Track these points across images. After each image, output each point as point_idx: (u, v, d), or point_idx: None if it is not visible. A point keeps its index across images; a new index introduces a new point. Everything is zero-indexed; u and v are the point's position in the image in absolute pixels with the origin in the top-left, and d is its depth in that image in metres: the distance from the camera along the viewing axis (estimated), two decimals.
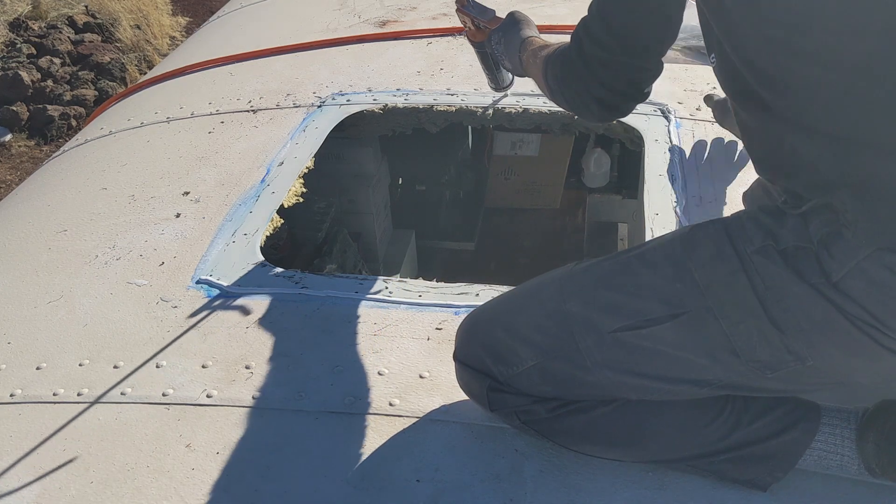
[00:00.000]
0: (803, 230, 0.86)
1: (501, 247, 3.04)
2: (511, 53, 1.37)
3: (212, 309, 1.33)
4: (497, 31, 1.42)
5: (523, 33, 1.35)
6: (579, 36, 1.09)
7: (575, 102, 1.17)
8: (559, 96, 1.19)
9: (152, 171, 1.78)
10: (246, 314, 1.32)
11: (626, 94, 1.12)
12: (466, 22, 1.54)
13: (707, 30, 0.98)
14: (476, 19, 1.51)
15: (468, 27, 1.55)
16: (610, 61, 1.07)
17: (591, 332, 0.96)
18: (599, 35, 1.05)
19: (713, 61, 0.98)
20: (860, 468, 0.99)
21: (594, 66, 1.08)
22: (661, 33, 1.07)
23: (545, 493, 1.01)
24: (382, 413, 1.13)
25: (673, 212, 1.47)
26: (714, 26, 0.94)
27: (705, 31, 1.00)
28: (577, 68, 1.10)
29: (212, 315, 1.32)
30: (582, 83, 1.11)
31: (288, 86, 2.06)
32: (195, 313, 1.33)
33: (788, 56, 0.85)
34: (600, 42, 1.06)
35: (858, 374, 0.91)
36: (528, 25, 1.38)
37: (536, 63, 1.25)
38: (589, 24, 1.07)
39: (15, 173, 4.42)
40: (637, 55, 1.07)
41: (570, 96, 1.16)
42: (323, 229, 2.11)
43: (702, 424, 1.00)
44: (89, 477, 1.07)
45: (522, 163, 2.85)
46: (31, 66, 5.08)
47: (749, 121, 0.97)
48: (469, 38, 1.58)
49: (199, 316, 1.32)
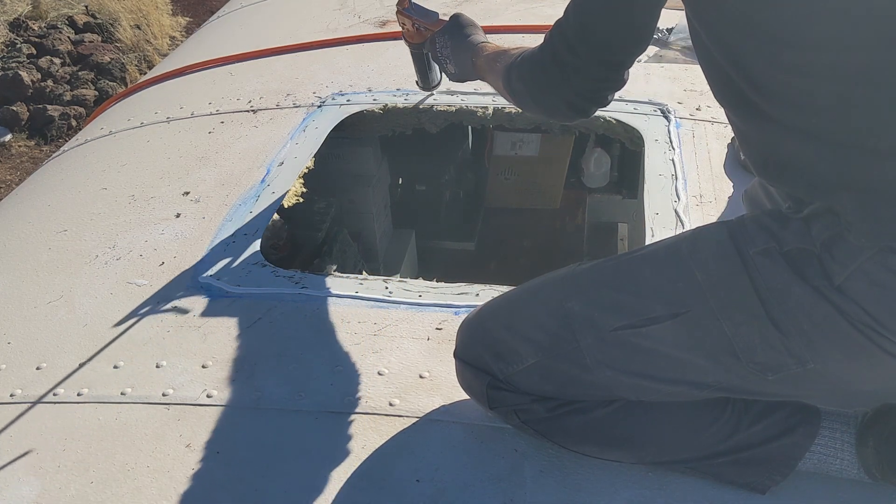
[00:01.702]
0: (806, 233, 0.86)
1: (501, 247, 3.03)
2: (460, 57, 1.39)
3: (212, 309, 1.33)
4: (442, 35, 1.43)
5: (474, 38, 1.37)
6: (554, 42, 1.10)
7: (544, 104, 1.18)
8: (526, 97, 1.20)
9: (152, 171, 1.78)
10: (246, 314, 1.32)
11: (593, 100, 1.14)
12: (406, 24, 1.56)
13: (695, 37, 0.99)
14: (418, 22, 1.53)
15: (407, 29, 1.57)
16: (582, 69, 1.08)
17: (591, 331, 0.96)
18: (575, 44, 1.06)
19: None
20: (860, 472, 0.99)
21: (568, 73, 1.10)
22: (633, 47, 1.08)
23: (545, 493, 1.01)
24: (382, 413, 1.13)
25: (673, 212, 1.47)
26: (704, 35, 0.94)
27: (693, 38, 1.00)
28: (550, 73, 1.12)
29: (212, 315, 1.32)
30: (554, 87, 1.13)
31: (288, 86, 2.06)
32: (195, 313, 1.33)
33: (784, 70, 0.85)
34: (575, 50, 1.07)
35: (859, 377, 0.91)
36: (476, 29, 1.41)
37: (496, 67, 1.27)
38: (565, 32, 1.08)
39: (15, 173, 4.42)
40: (609, 67, 1.09)
41: (540, 98, 1.17)
42: (323, 229, 2.11)
43: (701, 427, 1.00)
44: (89, 477, 1.07)
45: (522, 163, 2.84)
46: (31, 66, 5.08)
47: (742, 125, 0.97)
48: (406, 39, 1.61)
49: (199, 316, 1.32)
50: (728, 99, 0.97)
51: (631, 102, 1.83)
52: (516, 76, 1.20)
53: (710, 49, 0.94)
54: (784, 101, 0.87)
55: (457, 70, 1.42)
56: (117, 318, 1.34)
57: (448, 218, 2.91)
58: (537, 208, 3.02)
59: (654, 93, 1.87)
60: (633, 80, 1.92)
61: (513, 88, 1.22)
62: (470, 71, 1.38)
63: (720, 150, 1.65)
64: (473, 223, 2.97)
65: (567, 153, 2.79)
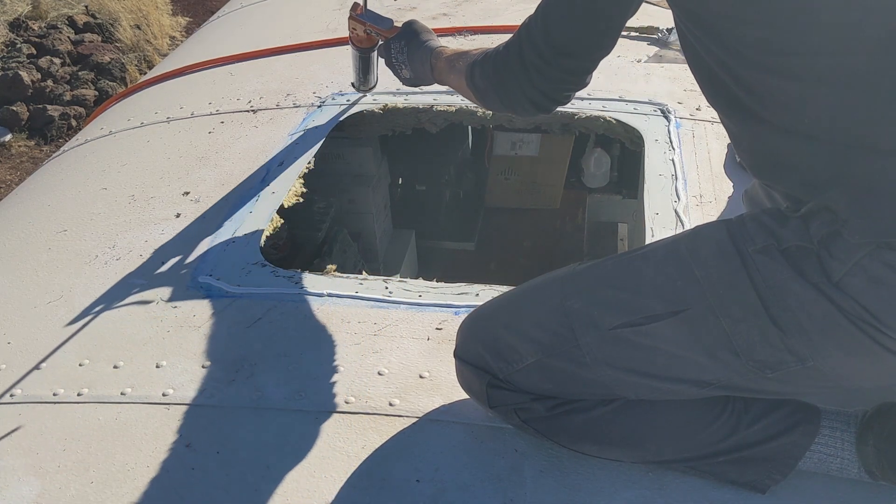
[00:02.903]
0: (804, 231, 0.87)
1: (501, 247, 3.03)
2: (416, 62, 1.43)
3: (212, 309, 1.33)
4: (398, 41, 1.47)
5: (431, 43, 1.42)
6: (521, 41, 1.12)
7: (507, 101, 1.21)
8: (490, 93, 1.23)
9: (152, 171, 1.78)
10: (246, 314, 1.32)
11: (555, 99, 1.17)
12: (357, 29, 1.61)
13: (683, 39, 0.99)
14: (371, 27, 1.57)
15: (357, 34, 1.62)
16: (546, 70, 1.11)
17: (591, 329, 0.96)
18: (541, 46, 1.09)
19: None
20: (860, 471, 0.99)
21: (531, 72, 1.12)
22: (597, 53, 1.10)
23: (545, 493, 1.01)
24: (382, 413, 1.13)
25: (673, 212, 1.47)
26: (693, 40, 0.95)
27: (682, 40, 1.00)
28: (514, 71, 1.15)
29: (212, 315, 1.32)
30: (517, 84, 1.16)
31: (288, 86, 2.06)
32: (195, 313, 1.33)
33: (778, 75, 0.85)
34: (540, 52, 1.09)
35: (858, 375, 0.91)
36: (431, 35, 1.45)
37: (457, 67, 1.31)
38: (533, 33, 1.10)
39: (15, 173, 4.42)
40: (572, 70, 1.12)
41: (503, 95, 1.20)
42: (323, 229, 2.11)
43: (701, 426, 1.00)
44: (89, 477, 1.07)
45: (522, 163, 2.84)
46: (31, 66, 5.08)
47: (734, 127, 0.97)
48: (354, 43, 1.66)
49: (199, 316, 1.32)
50: (719, 101, 0.97)
51: (631, 102, 1.83)
52: (479, 73, 1.23)
53: (701, 53, 0.94)
54: (777, 103, 0.87)
55: (412, 75, 1.47)
56: (117, 318, 1.34)
57: (448, 218, 2.91)
58: (537, 208, 3.02)
59: (654, 93, 1.87)
60: (633, 80, 1.93)
61: (475, 85, 1.25)
62: (427, 75, 1.43)
63: (720, 150, 1.65)
64: (473, 223, 2.97)
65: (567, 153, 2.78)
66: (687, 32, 0.96)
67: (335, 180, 2.30)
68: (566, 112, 1.82)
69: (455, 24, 2.33)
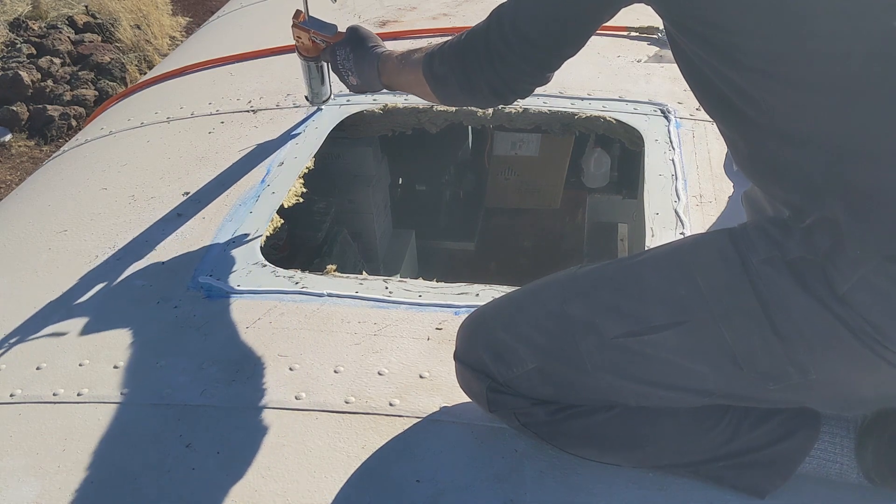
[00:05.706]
0: (809, 242, 0.86)
1: (501, 247, 3.03)
2: (363, 67, 1.40)
3: (212, 309, 1.33)
4: (343, 47, 1.44)
5: (377, 49, 1.40)
6: (491, 27, 1.11)
7: (467, 86, 1.19)
8: (450, 79, 1.21)
9: (152, 171, 1.78)
10: (245, 314, 1.32)
11: (516, 91, 1.16)
12: (302, 37, 1.57)
13: (674, 44, 0.99)
14: (316, 35, 1.54)
15: (302, 42, 1.58)
16: (511, 60, 1.10)
17: (592, 335, 0.96)
18: (509, 35, 1.08)
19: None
20: (859, 476, 0.98)
21: (494, 56, 1.11)
22: (565, 52, 1.10)
23: (545, 494, 1.01)
24: (382, 413, 1.13)
25: (673, 212, 1.47)
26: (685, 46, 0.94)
27: (672, 46, 1.00)
28: (480, 55, 1.13)
29: (212, 315, 1.32)
30: (481, 69, 1.14)
31: (288, 86, 2.06)
32: (195, 313, 1.33)
33: (774, 82, 0.85)
34: (508, 41, 1.08)
35: (859, 385, 0.90)
36: (377, 40, 1.43)
37: (409, 61, 1.29)
38: (503, 21, 1.09)
39: (15, 173, 4.42)
40: (537, 65, 1.11)
41: (463, 80, 1.18)
42: (323, 229, 2.11)
43: (701, 431, 0.99)
44: (89, 477, 1.07)
45: (522, 163, 2.84)
46: (31, 66, 5.08)
47: (729, 133, 0.97)
48: (300, 53, 1.62)
49: (200, 316, 1.32)
50: (714, 108, 0.97)
51: (631, 102, 1.83)
52: (439, 61, 1.21)
53: (695, 61, 0.94)
54: (774, 110, 0.87)
55: (359, 81, 1.44)
56: (117, 318, 1.34)
57: (448, 218, 2.91)
58: (537, 208, 3.02)
59: (654, 93, 1.87)
60: (633, 80, 1.93)
61: (434, 73, 1.23)
62: (374, 80, 1.40)
63: (720, 150, 1.65)
64: (473, 223, 2.97)
65: (567, 153, 2.79)
66: (679, 41, 0.96)
67: (335, 180, 2.30)
68: (566, 112, 1.82)
69: (455, 24, 2.32)
